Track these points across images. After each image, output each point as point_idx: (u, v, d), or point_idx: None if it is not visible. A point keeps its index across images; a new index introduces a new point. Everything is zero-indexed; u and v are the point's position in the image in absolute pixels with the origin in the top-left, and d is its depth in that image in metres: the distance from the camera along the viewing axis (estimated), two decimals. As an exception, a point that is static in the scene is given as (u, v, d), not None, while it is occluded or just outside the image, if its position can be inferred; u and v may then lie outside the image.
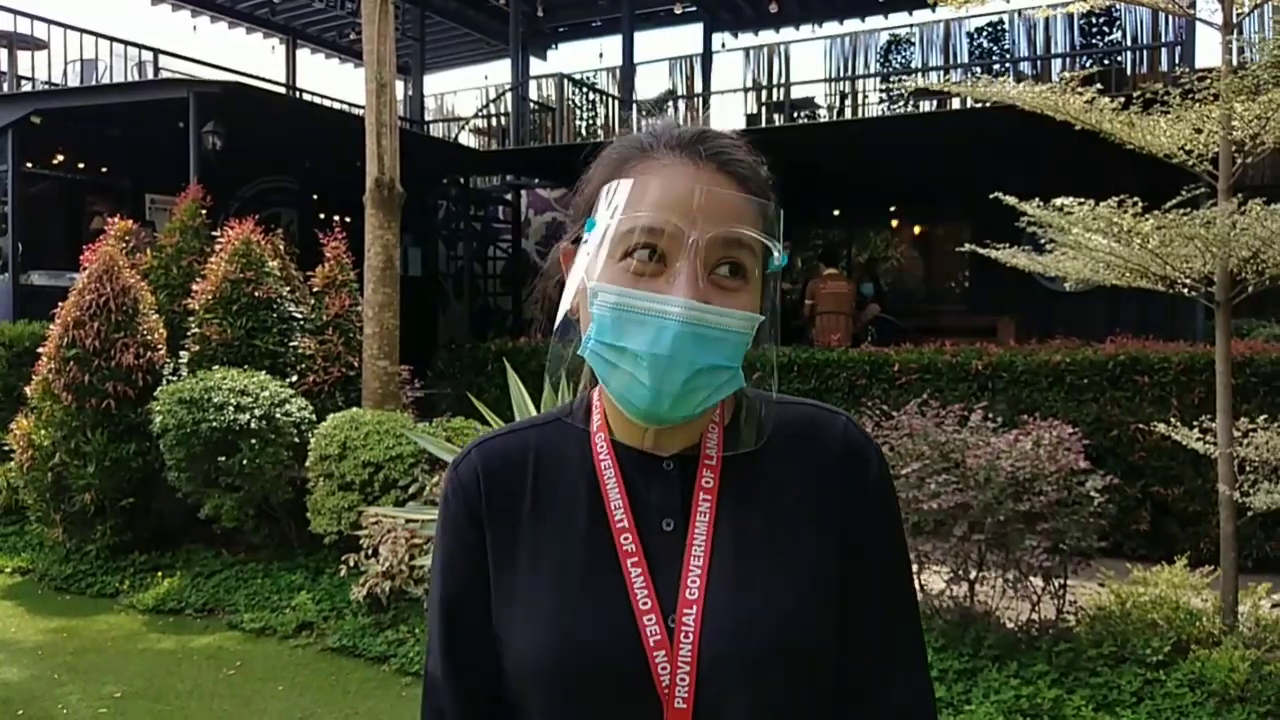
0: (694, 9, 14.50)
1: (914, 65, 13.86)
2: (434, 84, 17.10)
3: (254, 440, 5.74)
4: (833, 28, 14.86)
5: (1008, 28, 13.23)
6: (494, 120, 15.24)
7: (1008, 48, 13.29)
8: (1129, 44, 12.38)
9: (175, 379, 6.31)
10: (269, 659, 4.87)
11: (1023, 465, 4.04)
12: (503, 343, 9.20)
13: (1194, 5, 4.57)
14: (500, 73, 16.43)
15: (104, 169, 11.43)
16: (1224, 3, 4.08)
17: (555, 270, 0.99)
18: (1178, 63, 10.20)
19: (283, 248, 7.06)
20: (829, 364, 7.31)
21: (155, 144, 10.10)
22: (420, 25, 14.75)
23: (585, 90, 14.81)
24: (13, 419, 6.51)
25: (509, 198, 14.05)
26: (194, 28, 14.91)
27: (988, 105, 6.71)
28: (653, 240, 0.86)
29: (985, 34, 13.46)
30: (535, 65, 15.52)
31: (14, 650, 4.99)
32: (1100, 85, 4.35)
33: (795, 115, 13.19)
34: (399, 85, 12.58)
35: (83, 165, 11.22)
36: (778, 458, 0.95)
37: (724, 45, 15.23)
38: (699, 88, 14.50)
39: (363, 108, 6.67)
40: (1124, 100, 4.18)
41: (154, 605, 5.64)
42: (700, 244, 0.85)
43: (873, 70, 14.01)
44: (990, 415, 4.55)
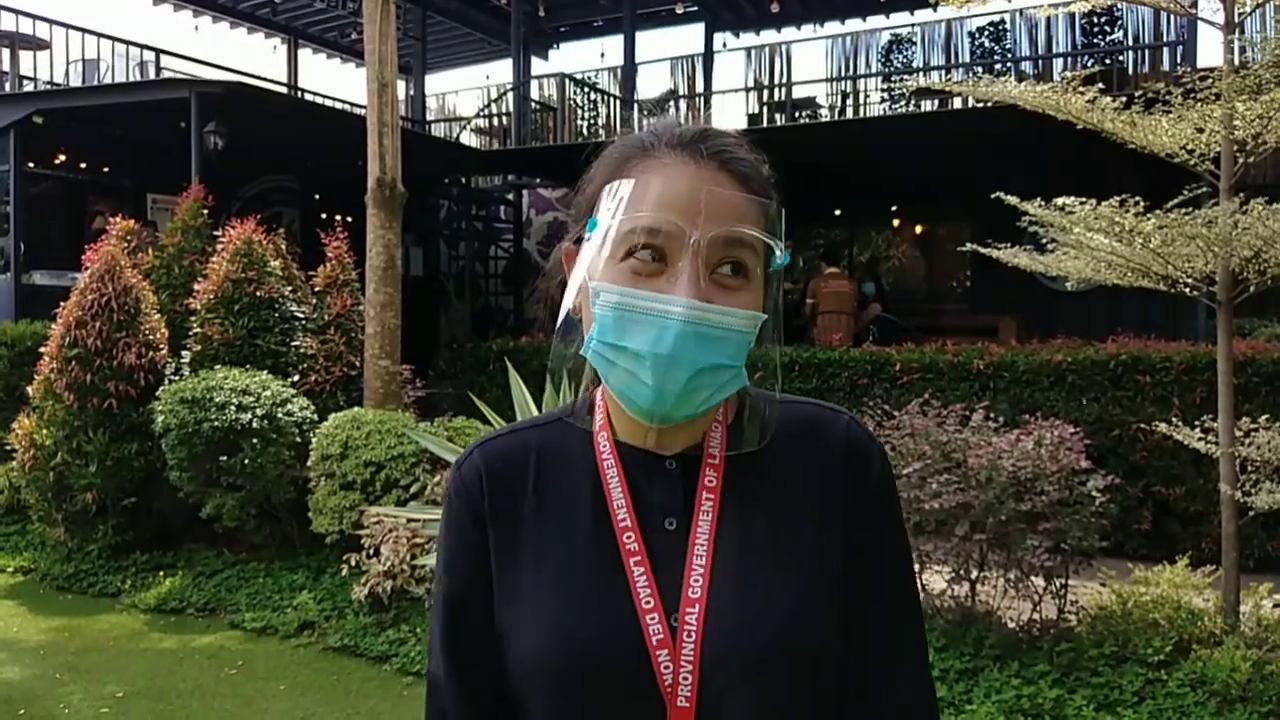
0: (695, 9, 14.50)
1: (915, 65, 13.84)
2: (435, 84, 17.14)
3: (256, 440, 5.75)
4: (834, 27, 14.86)
5: (1009, 27, 13.22)
6: (495, 120, 15.24)
7: (1009, 47, 13.27)
8: (1131, 43, 12.38)
9: (177, 378, 6.32)
10: (270, 658, 4.87)
11: (1024, 465, 4.05)
12: (504, 342, 9.21)
13: (1195, 5, 4.57)
14: (502, 72, 16.45)
15: (106, 169, 11.43)
16: (1225, 2, 4.08)
17: (558, 270, 0.99)
18: (1179, 62, 10.19)
19: (284, 247, 7.07)
20: (830, 364, 7.31)
21: (157, 144, 10.10)
22: (422, 25, 14.74)
23: (587, 90, 14.81)
24: (15, 418, 6.52)
25: (510, 197, 14.05)
26: (195, 28, 14.96)
27: (989, 105, 6.71)
28: (654, 240, 0.86)
29: (987, 33, 13.46)
30: (537, 65, 15.54)
31: (16, 650, 5.00)
32: (1102, 85, 4.35)
33: (797, 115, 13.17)
34: (400, 85, 12.63)
35: (85, 165, 11.22)
36: (781, 457, 0.95)
37: (725, 45, 15.24)
38: (700, 87, 14.50)
39: (364, 108, 6.67)
40: (1126, 100, 4.18)
41: (156, 605, 5.64)
42: (702, 243, 0.85)
43: (874, 70, 14.00)
44: (992, 415, 4.55)
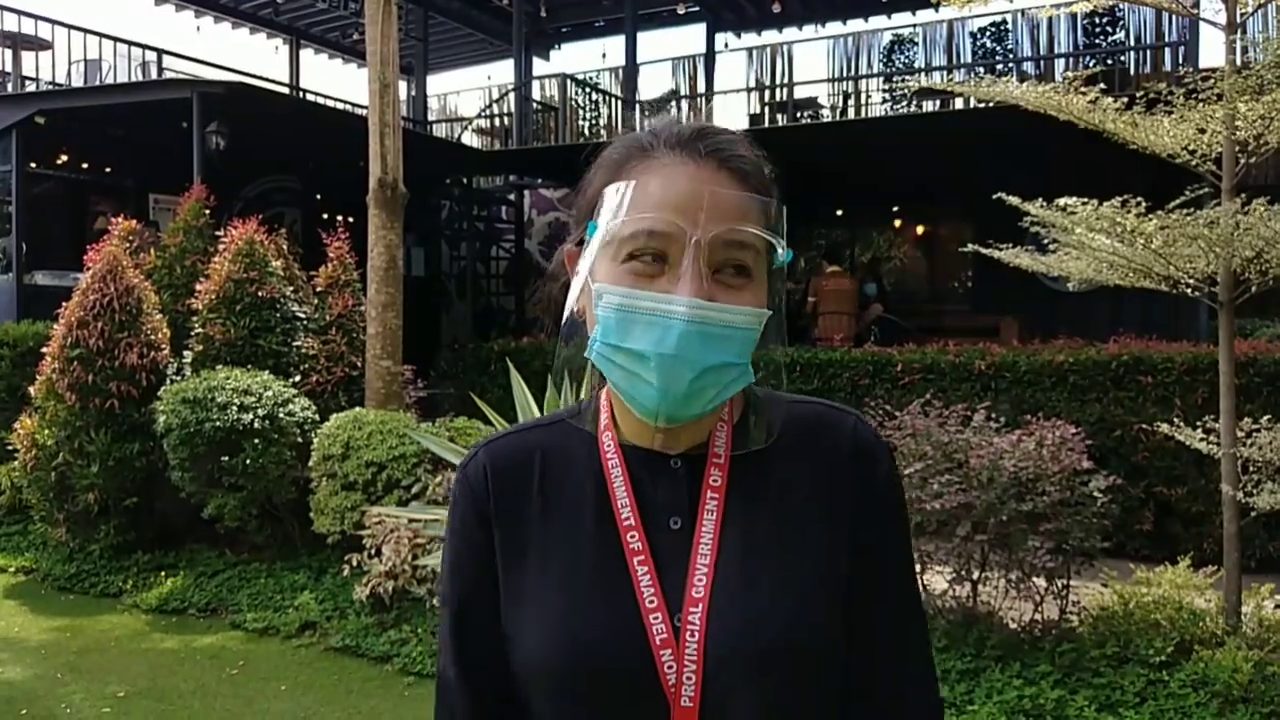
0: (697, 9, 14.50)
1: (917, 65, 13.84)
2: (437, 84, 17.13)
3: (257, 440, 5.75)
4: (835, 28, 14.85)
5: (1011, 28, 13.22)
6: (497, 120, 15.24)
7: (1011, 48, 13.27)
8: (1132, 44, 12.37)
9: (179, 379, 6.32)
10: (272, 659, 4.87)
11: (1026, 465, 4.05)
12: (506, 343, 9.22)
13: (1197, 5, 4.57)
14: (503, 73, 16.47)
15: (108, 169, 11.44)
16: (1227, 3, 4.08)
17: (560, 272, 0.99)
18: (1181, 63, 10.18)
19: (286, 248, 7.08)
20: (832, 364, 7.31)
21: (159, 144, 10.11)
22: (423, 25, 14.74)
23: (588, 90, 14.81)
24: (16, 419, 6.53)
25: (512, 198, 14.05)
26: (197, 28, 14.93)
27: (991, 105, 6.70)
28: (655, 241, 0.86)
29: (988, 34, 13.45)
30: (538, 65, 15.55)
31: (17, 649, 5.00)
32: (1104, 85, 4.35)
33: (798, 115, 13.17)
34: (402, 85, 12.59)
35: (86, 165, 11.23)
36: (786, 456, 0.94)
37: (727, 45, 15.24)
38: (702, 88, 14.50)
39: (366, 108, 6.68)
40: (1127, 100, 4.17)
41: (157, 605, 5.65)
42: (703, 243, 0.85)
43: (875, 70, 13.99)
44: (993, 415, 4.55)
